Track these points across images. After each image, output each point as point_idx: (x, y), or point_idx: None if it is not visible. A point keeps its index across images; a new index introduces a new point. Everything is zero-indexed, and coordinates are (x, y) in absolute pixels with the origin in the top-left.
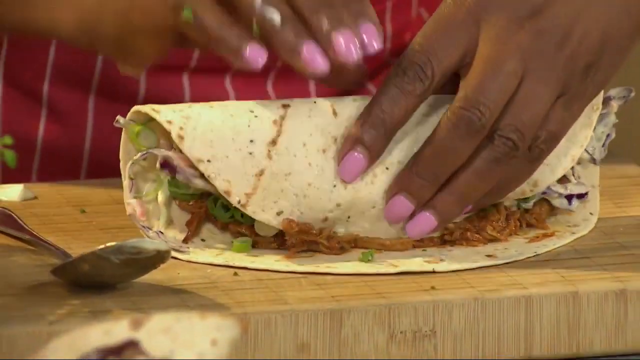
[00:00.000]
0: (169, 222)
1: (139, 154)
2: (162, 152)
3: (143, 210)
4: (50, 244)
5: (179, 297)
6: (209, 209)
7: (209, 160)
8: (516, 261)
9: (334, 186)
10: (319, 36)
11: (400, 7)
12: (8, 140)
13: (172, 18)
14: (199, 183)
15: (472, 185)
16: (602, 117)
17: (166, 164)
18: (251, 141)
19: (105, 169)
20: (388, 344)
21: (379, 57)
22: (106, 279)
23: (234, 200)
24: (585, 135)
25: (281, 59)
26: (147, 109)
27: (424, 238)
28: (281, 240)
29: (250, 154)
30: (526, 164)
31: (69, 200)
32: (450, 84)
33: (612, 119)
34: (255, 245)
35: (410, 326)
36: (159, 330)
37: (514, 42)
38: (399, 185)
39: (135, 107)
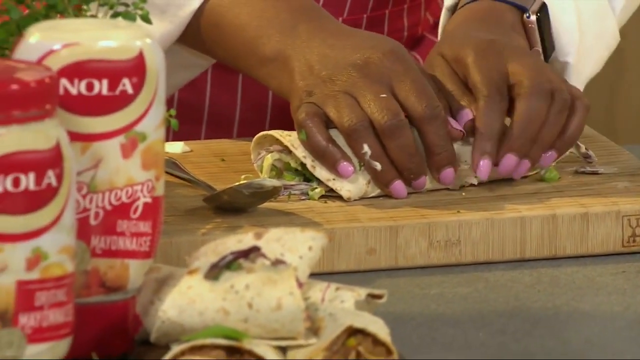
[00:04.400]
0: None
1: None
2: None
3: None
4: (202, 181)
5: (287, 218)
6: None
7: (334, 179)
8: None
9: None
10: (404, 177)
11: (413, 9)
12: (172, 112)
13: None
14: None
15: (551, 134)
16: None
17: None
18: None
19: (218, 117)
20: (428, 249)
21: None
22: (239, 205)
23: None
24: None
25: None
26: (288, 144)
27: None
28: None
29: (361, 168)
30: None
31: (213, 152)
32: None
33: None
34: None
35: (443, 237)
36: (274, 240)
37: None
38: (505, 147)
39: (274, 149)
